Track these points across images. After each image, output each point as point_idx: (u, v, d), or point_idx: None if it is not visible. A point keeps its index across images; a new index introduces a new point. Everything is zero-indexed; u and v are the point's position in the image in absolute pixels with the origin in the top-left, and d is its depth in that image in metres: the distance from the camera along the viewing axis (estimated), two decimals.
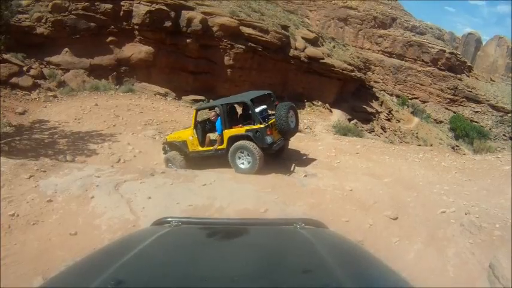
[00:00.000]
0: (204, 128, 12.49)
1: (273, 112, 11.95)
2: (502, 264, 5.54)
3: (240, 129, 11.28)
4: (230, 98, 12.61)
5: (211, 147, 11.91)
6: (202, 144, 12.15)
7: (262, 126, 10.84)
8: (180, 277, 1.66)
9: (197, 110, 12.21)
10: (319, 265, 1.78)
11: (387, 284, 1.77)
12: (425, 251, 6.56)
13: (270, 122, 11.27)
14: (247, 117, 11.88)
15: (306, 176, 10.70)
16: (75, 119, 17.79)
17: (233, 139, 11.25)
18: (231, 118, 11.83)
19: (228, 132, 11.34)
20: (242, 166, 11.11)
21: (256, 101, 12.19)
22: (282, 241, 2.25)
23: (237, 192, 8.77)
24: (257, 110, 11.45)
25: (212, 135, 12.16)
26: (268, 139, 10.86)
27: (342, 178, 10.37)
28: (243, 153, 11.08)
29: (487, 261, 5.86)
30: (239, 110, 12.95)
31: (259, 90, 13.29)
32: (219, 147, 11.61)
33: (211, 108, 12.52)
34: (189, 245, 2.13)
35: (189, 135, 12.18)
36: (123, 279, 1.54)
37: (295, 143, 15.66)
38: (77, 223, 7.01)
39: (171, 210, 7.44)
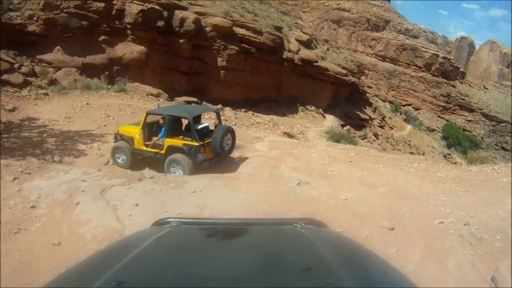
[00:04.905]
0: (151, 130, 13.06)
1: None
2: (504, 278, 5.43)
3: (178, 142, 12.20)
4: (177, 109, 13.47)
5: (153, 149, 12.70)
6: (146, 144, 12.84)
7: (196, 144, 11.81)
8: (180, 277, 1.65)
9: (147, 114, 12.84)
10: (320, 264, 1.79)
11: (389, 282, 1.77)
12: (425, 263, 6.45)
13: (206, 141, 12.11)
14: (190, 130, 12.56)
15: (299, 184, 10.51)
16: (66, 117, 17.50)
17: (171, 149, 12.21)
18: (176, 128, 12.85)
19: (169, 141, 12.23)
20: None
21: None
22: (282, 241, 2.24)
23: (228, 201, 8.61)
24: (200, 126, 12.60)
25: (157, 139, 12.70)
26: (200, 157, 11.89)
27: (337, 187, 10.25)
28: (177, 165, 11.99)
29: (489, 274, 5.73)
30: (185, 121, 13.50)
31: (209, 106, 14.83)
32: (159, 151, 12.49)
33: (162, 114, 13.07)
34: (189, 246, 2.11)
35: (137, 133, 12.89)
36: (124, 279, 1.53)
37: (288, 149, 15.59)
38: (61, 232, 6.75)
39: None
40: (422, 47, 65.42)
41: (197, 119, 12.93)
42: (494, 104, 65.02)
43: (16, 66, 20.31)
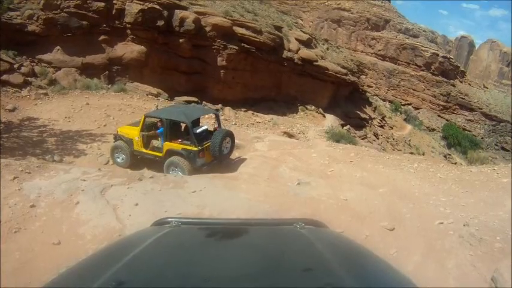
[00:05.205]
0: (149, 131, 13.14)
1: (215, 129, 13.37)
2: (504, 278, 5.42)
3: (177, 145, 12.22)
4: (175, 113, 13.16)
5: (152, 152, 12.87)
6: (145, 146, 12.99)
7: (195, 149, 11.87)
8: (180, 277, 1.64)
9: (146, 116, 12.90)
10: (320, 264, 1.78)
11: (389, 282, 1.77)
12: (425, 263, 6.44)
13: (205, 145, 12.20)
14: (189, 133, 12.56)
15: (299, 184, 10.49)
16: (66, 117, 17.46)
17: (170, 152, 12.24)
18: (174, 130, 12.86)
19: (168, 145, 12.29)
20: None
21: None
22: (282, 241, 2.23)
23: (228, 201, 8.60)
24: (199, 130, 12.57)
25: (156, 142, 12.92)
26: (199, 162, 11.95)
27: (336, 187, 10.23)
28: (176, 167, 12.02)
29: (488, 274, 5.73)
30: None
31: (209, 108, 15.43)
32: (158, 154, 12.62)
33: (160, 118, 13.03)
34: (189, 246, 2.10)
35: (136, 135, 12.95)
36: (124, 279, 1.53)
37: (288, 149, 15.58)
38: (61, 231, 6.74)
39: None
40: (422, 46, 65.29)
41: (196, 122, 12.93)
42: (494, 103, 64.97)
43: (16, 66, 20.27)
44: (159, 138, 12.61)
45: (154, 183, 9.16)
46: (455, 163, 35.49)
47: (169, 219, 2.42)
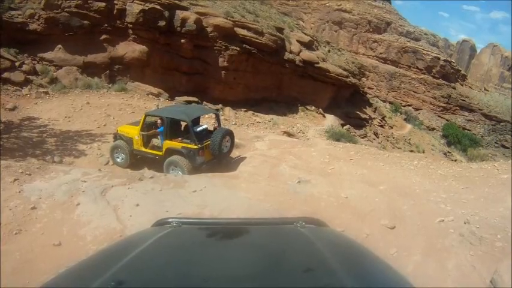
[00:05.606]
0: (150, 131, 13.21)
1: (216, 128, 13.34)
2: (503, 280, 5.39)
3: (177, 144, 12.30)
4: (176, 112, 13.37)
5: (152, 151, 12.94)
6: (145, 145, 13.09)
7: (195, 147, 11.95)
8: (181, 277, 1.64)
9: (146, 115, 12.97)
10: (321, 264, 1.78)
11: (389, 282, 1.77)
12: (425, 263, 6.42)
13: (204, 144, 12.26)
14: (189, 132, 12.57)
15: (299, 182, 10.49)
16: (66, 117, 17.48)
17: (170, 151, 12.32)
18: (174, 129, 12.95)
19: (167, 144, 12.37)
20: None
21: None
22: (283, 240, 2.23)
23: (228, 200, 8.61)
24: (199, 129, 12.72)
25: (156, 141, 13.05)
26: (199, 160, 12.02)
27: (337, 185, 10.24)
28: (176, 167, 12.05)
29: (488, 275, 5.71)
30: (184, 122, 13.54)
31: (209, 108, 15.42)
32: (158, 153, 12.70)
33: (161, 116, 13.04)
34: (190, 246, 2.11)
35: (136, 134, 13.02)
36: (124, 279, 1.54)
37: (288, 148, 15.55)
38: (61, 233, 6.75)
39: None
40: (423, 49, 64.99)
41: (196, 121, 13.00)
42: (495, 105, 64.69)
43: (17, 64, 20.30)
44: (159, 137, 12.65)
45: (155, 183, 9.17)
46: (456, 160, 35.54)
47: (170, 220, 2.42)
